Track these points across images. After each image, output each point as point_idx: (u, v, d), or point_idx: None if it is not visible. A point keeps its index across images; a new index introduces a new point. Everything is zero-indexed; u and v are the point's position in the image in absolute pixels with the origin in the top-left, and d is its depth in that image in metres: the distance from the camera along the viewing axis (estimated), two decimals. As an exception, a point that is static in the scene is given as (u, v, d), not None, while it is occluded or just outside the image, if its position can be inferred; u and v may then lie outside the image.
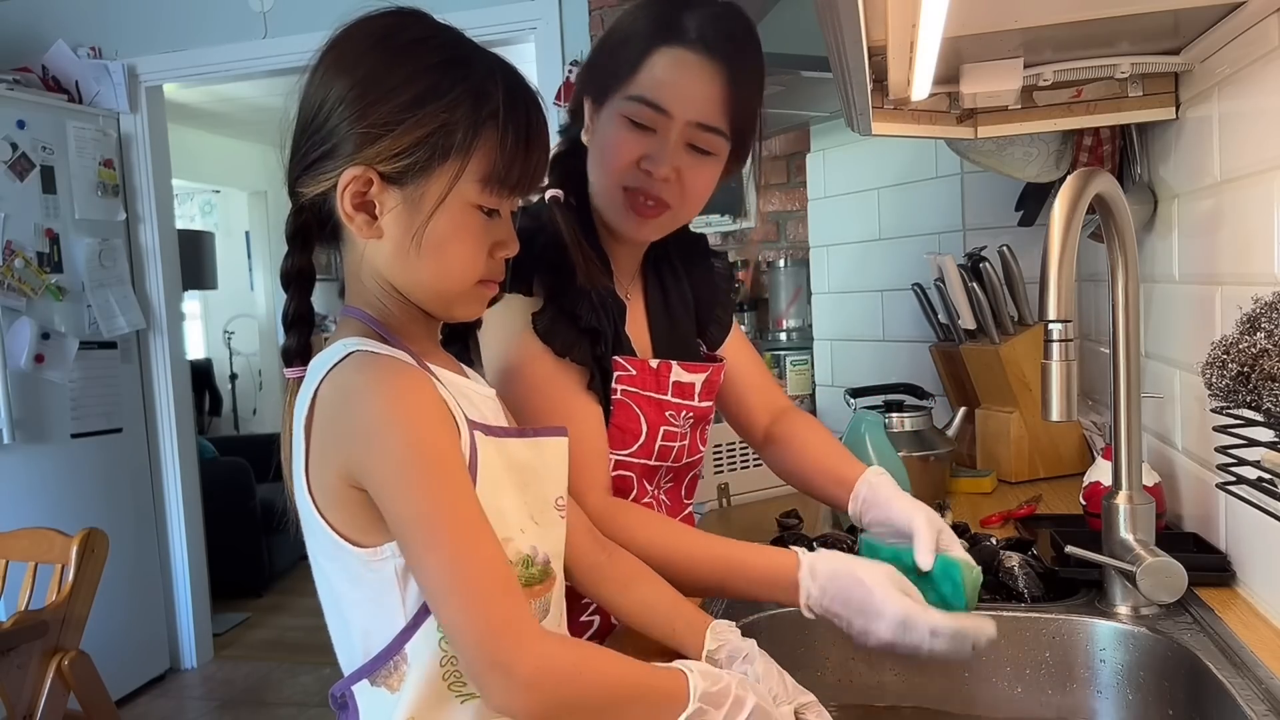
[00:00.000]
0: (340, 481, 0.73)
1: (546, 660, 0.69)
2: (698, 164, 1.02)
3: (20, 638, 1.87)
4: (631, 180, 1.02)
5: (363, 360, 0.74)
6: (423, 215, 0.76)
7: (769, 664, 0.92)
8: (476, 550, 0.70)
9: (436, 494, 0.70)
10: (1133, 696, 1.02)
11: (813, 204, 2.55)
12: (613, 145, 1.02)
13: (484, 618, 0.68)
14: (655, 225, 1.06)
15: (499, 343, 1.04)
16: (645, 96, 0.99)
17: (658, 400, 1.11)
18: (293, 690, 3.46)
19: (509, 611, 0.69)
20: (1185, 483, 1.26)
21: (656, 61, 0.99)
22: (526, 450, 0.84)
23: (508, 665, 0.67)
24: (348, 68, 0.76)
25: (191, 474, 3.63)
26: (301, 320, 0.83)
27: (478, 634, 0.68)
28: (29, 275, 3.04)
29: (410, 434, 0.71)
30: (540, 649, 0.69)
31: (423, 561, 0.70)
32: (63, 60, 3.38)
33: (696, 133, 1.00)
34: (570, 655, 0.71)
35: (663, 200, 1.02)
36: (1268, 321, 0.81)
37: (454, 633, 0.70)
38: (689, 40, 0.98)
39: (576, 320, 1.03)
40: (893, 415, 1.67)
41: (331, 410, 0.74)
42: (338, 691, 0.80)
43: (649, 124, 1.00)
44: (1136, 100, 1.29)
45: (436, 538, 0.70)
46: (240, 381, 6.27)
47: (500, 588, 0.70)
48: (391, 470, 0.71)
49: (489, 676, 0.68)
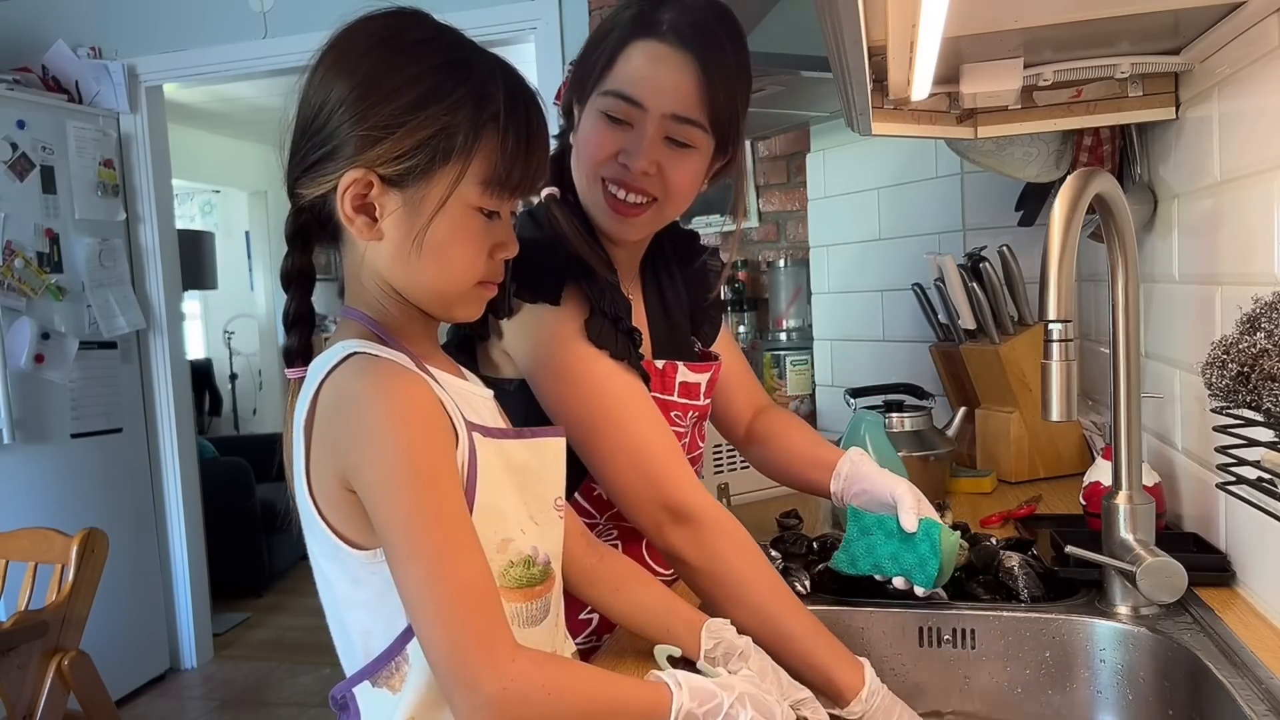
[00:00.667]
0: (337, 484, 0.73)
1: (514, 681, 0.67)
2: (677, 157, 1.02)
3: (20, 638, 1.87)
4: (608, 172, 1.02)
5: (361, 363, 0.74)
6: (423, 218, 0.75)
7: (764, 661, 0.92)
8: (456, 563, 0.69)
9: (422, 503, 0.70)
10: (1133, 696, 1.02)
11: (813, 204, 2.55)
12: (590, 141, 1.02)
13: (456, 633, 0.67)
14: (639, 224, 1.06)
15: (537, 353, 1.03)
16: (619, 90, 0.99)
17: (664, 401, 1.11)
18: (293, 690, 3.46)
19: (482, 628, 0.68)
20: (1185, 483, 1.26)
21: (629, 55, 0.99)
22: (525, 451, 0.84)
23: (474, 684, 0.66)
24: (348, 69, 0.75)
25: (191, 474, 3.63)
26: (302, 320, 0.83)
27: (448, 650, 0.67)
28: (29, 275, 3.04)
29: (402, 440, 0.71)
30: (510, 669, 0.67)
31: (403, 570, 0.70)
32: (63, 60, 3.38)
33: (673, 125, 1.00)
34: (541, 675, 0.69)
35: (645, 191, 1.02)
36: (1268, 321, 0.81)
37: (426, 646, 0.69)
38: (660, 33, 0.98)
39: (619, 323, 1.03)
40: (893, 415, 1.67)
41: (330, 412, 0.74)
42: (338, 693, 0.80)
43: (624, 118, 1.00)
44: (1136, 100, 1.29)
45: (418, 547, 0.69)
46: (240, 381, 6.27)
47: (476, 603, 0.69)
48: (380, 476, 0.70)
49: (456, 695, 0.67)
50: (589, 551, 0.96)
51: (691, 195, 1.07)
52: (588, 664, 0.78)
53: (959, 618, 1.09)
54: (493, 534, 0.78)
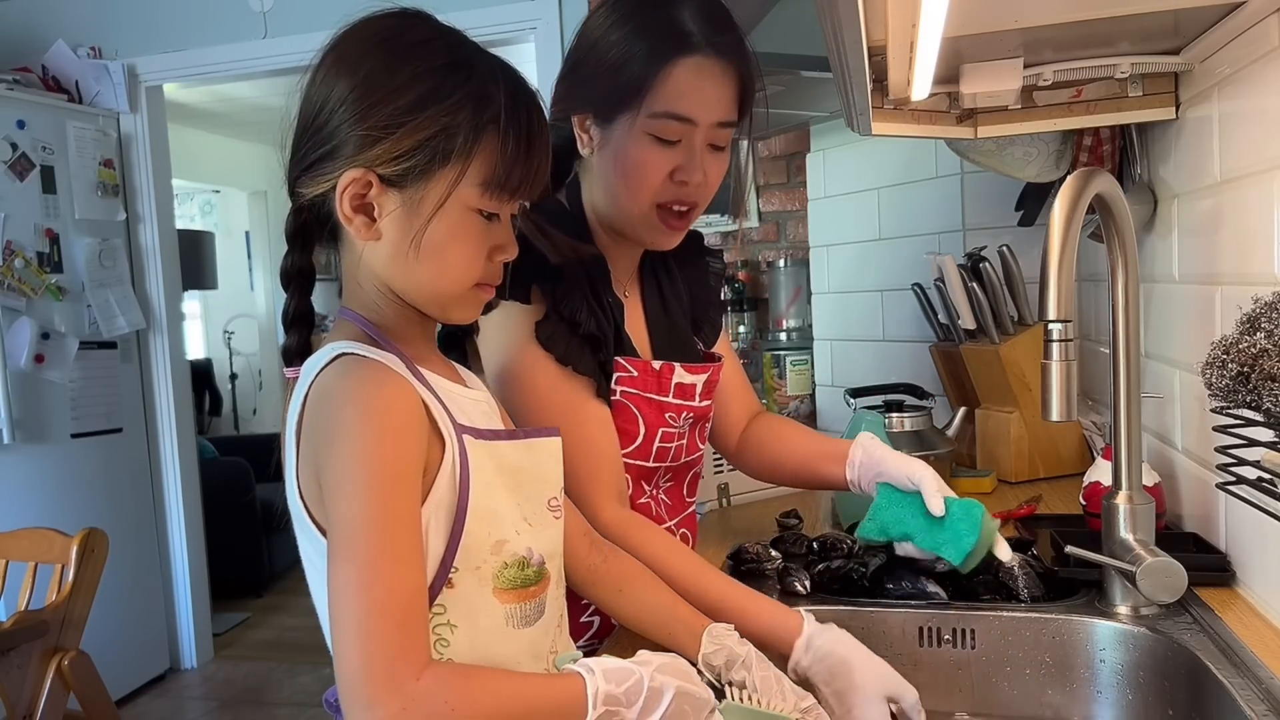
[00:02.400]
0: (318, 483, 0.73)
1: (414, 701, 0.64)
2: (717, 160, 1.05)
3: (20, 638, 1.87)
4: (665, 195, 1.03)
5: (346, 364, 0.74)
6: (422, 219, 0.75)
7: (766, 668, 0.92)
8: (388, 573, 0.67)
9: (369, 507, 0.68)
10: (1133, 696, 1.02)
11: (813, 204, 2.55)
12: (642, 164, 1.02)
13: (368, 647, 0.65)
14: (683, 231, 1.09)
15: (500, 351, 1.04)
16: (670, 111, 1.00)
17: (658, 402, 1.11)
18: (293, 690, 3.46)
19: (395, 645, 0.65)
20: (1185, 483, 1.26)
21: (674, 74, 0.99)
22: (518, 452, 0.83)
23: (370, 704, 0.63)
24: (349, 69, 0.75)
25: (191, 474, 3.63)
26: (301, 320, 0.83)
27: (356, 664, 0.65)
28: (29, 275, 3.04)
29: (365, 443, 0.70)
30: (412, 689, 0.64)
31: (334, 570, 0.68)
32: (63, 60, 3.38)
33: (716, 132, 1.02)
34: (445, 692, 0.66)
35: (695, 204, 1.05)
36: (1268, 321, 0.81)
37: (337, 653, 0.66)
38: (697, 46, 0.99)
39: (575, 327, 1.03)
40: (893, 415, 1.67)
41: (313, 412, 0.74)
42: (331, 696, 0.79)
43: (675, 137, 1.01)
44: (1136, 100, 1.29)
45: (353, 550, 0.67)
46: (240, 381, 6.27)
47: (398, 617, 0.66)
48: (338, 475, 0.70)
49: (353, 705, 0.64)
50: (592, 551, 0.96)
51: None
52: (502, 669, 0.75)
53: (959, 618, 1.09)
54: (486, 536, 0.77)
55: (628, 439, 1.10)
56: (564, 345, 1.03)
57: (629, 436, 1.10)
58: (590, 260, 1.07)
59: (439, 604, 0.75)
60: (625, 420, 1.09)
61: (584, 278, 1.06)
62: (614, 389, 1.08)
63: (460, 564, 0.75)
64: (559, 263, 1.01)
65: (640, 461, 1.12)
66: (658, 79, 0.99)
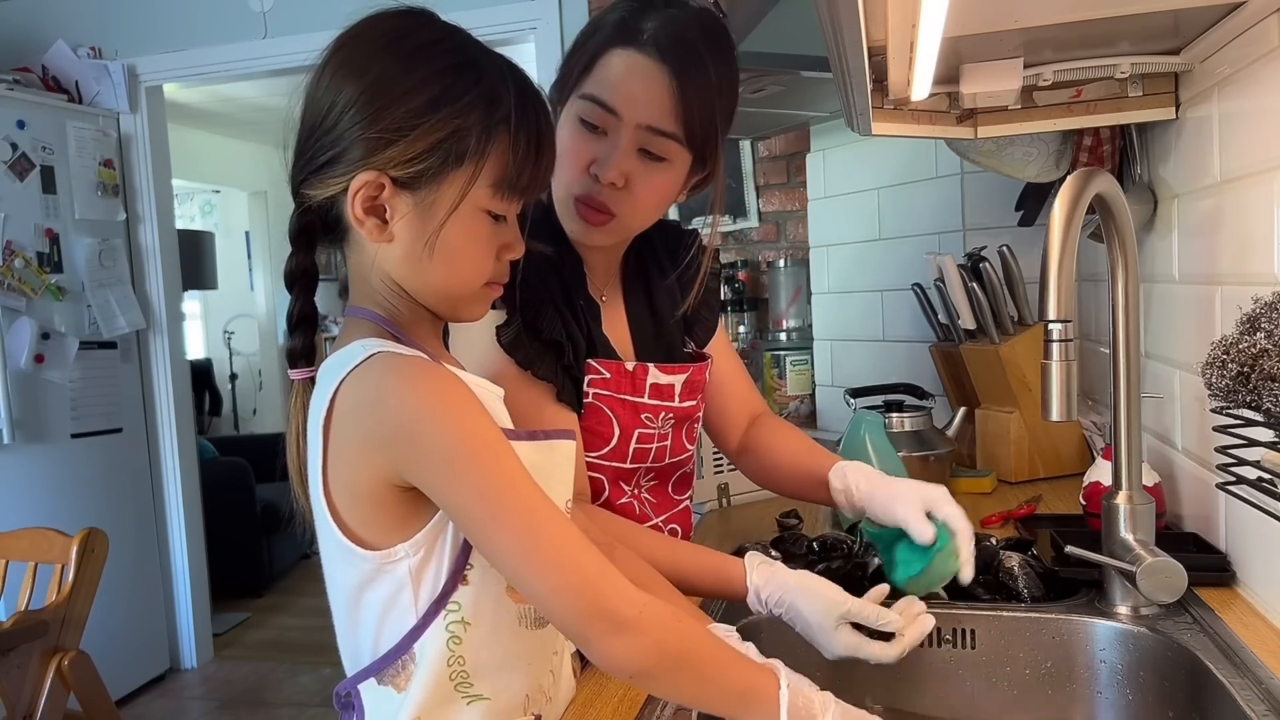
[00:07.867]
0: (377, 482, 0.73)
1: (648, 606, 0.70)
2: (650, 171, 1.01)
3: (20, 638, 1.87)
4: (580, 188, 1.01)
5: (388, 360, 0.74)
6: (435, 221, 0.75)
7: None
8: (547, 517, 0.71)
9: (490, 476, 0.71)
10: (1133, 696, 1.02)
11: (813, 204, 2.55)
12: (566, 149, 1.01)
13: (575, 573, 0.70)
14: (602, 232, 1.05)
15: (463, 353, 1.03)
16: (595, 95, 0.99)
17: (632, 403, 1.10)
18: (293, 690, 3.46)
19: (598, 565, 0.71)
20: (1185, 483, 1.26)
21: (608, 62, 0.99)
22: (536, 453, 0.83)
23: (612, 611, 0.69)
24: (357, 70, 0.74)
25: (191, 474, 3.63)
26: (306, 320, 0.82)
27: (574, 589, 0.69)
28: (29, 275, 3.04)
29: (453, 426, 0.71)
30: (638, 596, 0.71)
31: (495, 543, 0.71)
32: (63, 60, 3.38)
33: (648, 137, 0.99)
34: (667, 606, 0.73)
35: (606, 208, 1.01)
36: (1268, 321, 0.81)
37: (547, 596, 0.70)
38: (640, 43, 0.98)
39: (539, 333, 1.03)
40: (893, 415, 1.67)
41: (361, 412, 0.73)
42: (342, 690, 0.79)
43: (599, 124, 1.00)
44: (1136, 100, 1.29)
45: (503, 515, 0.70)
46: (240, 381, 6.27)
47: (581, 545, 0.71)
48: (442, 465, 0.71)
49: (595, 626, 0.69)
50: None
51: (661, 209, 1.06)
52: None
53: (959, 618, 1.09)
54: None
55: (602, 441, 1.09)
56: (525, 351, 1.02)
57: (603, 439, 1.09)
58: (564, 261, 1.06)
59: (454, 601, 0.75)
60: (599, 422, 1.09)
61: (555, 281, 1.06)
62: (586, 391, 1.07)
63: (475, 561, 0.76)
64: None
65: (617, 463, 1.11)
66: (596, 63, 1.00)
